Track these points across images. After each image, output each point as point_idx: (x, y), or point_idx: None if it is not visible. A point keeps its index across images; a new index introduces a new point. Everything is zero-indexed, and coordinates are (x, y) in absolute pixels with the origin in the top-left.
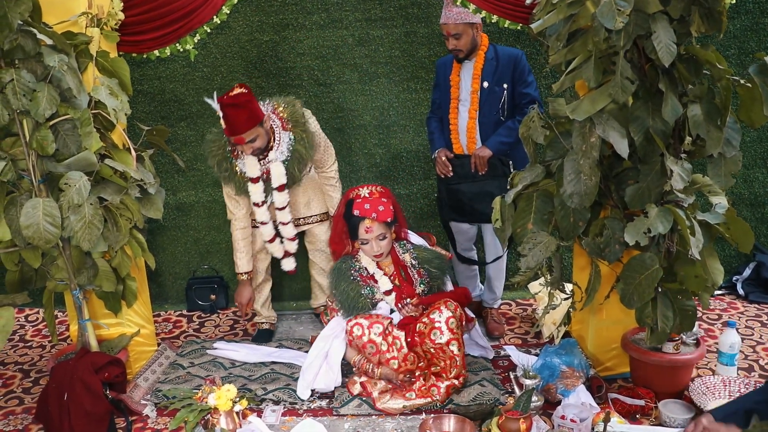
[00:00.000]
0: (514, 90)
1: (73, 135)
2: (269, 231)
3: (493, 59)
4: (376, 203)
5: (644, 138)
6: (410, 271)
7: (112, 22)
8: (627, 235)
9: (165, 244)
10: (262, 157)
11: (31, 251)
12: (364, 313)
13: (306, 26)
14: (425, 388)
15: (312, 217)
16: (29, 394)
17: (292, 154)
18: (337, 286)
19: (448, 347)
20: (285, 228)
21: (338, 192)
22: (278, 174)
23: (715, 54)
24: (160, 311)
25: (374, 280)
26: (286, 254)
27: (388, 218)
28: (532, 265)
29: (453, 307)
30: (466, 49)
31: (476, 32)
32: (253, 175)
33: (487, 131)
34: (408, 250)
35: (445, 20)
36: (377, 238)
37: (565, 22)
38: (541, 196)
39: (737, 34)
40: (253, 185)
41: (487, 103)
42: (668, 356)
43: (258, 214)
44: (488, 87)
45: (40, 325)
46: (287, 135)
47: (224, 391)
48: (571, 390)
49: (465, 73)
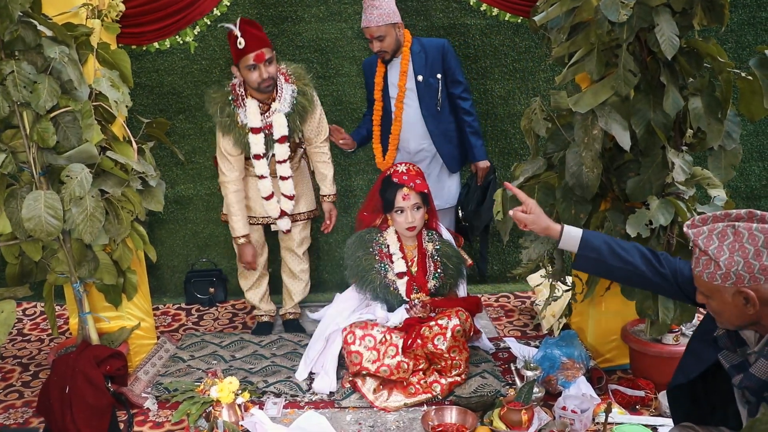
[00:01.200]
0: (446, 79)
1: (73, 127)
2: (267, 186)
3: (421, 52)
4: (414, 176)
5: (646, 130)
6: (428, 260)
7: (113, 14)
8: (629, 226)
9: (163, 237)
10: (265, 109)
11: (32, 244)
12: (361, 323)
13: (305, 19)
14: (425, 383)
15: (299, 215)
16: (29, 388)
17: (294, 107)
18: (353, 252)
19: (449, 353)
20: (284, 183)
21: (330, 169)
22: (280, 125)
23: (716, 47)
24: (158, 304)
25: (391, 260)
26: (283, 214)
27: (425, 189)
28: (534, 257)
29: (464, 317)
30: (391, 49)
31: (399, 31)
32: (255, 124)
33: (430, 123)
34: (433, 240)
35: (367, 23)
36: (413, 207)
37: (568, 14)
38: (542, 188)
39: (734, 27)
40: (254, 135)
41: (426, 96)
42: (668, 347)
43: (257, 167)
44: (423, 80)
45: (38, 319)
46: (290, 87)
47: (226, 383)
48: (571, 381)
49: (393, 72)
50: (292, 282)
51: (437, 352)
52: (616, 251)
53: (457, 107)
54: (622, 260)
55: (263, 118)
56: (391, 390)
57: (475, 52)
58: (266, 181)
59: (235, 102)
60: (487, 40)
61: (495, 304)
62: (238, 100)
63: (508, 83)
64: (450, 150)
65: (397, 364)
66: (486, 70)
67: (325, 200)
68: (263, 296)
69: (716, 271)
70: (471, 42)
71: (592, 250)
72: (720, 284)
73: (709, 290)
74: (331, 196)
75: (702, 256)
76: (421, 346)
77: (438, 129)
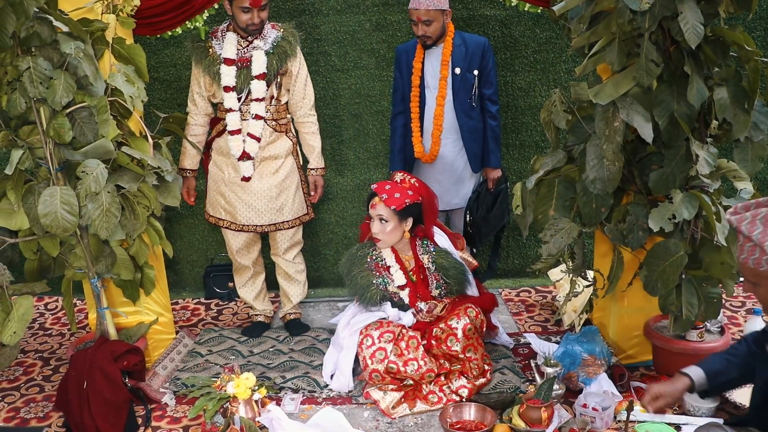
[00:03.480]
0: (480, 78)
1: (89, 122)
2: (235, 120)
3: (462, 45)
4: (396, 189)
5: (669, 122)
6: (428, 273)
7: (128, 8)
8: (651, 221)
9: (182, 232)
10: (246, 45)
11: (50, 240)
12: (375, 323)
13: (323, 12)
14: (449, 389)
15: (283, 224)
16: (49, 382)
17: (275, 48)
18: (348, 272)
19: (464, 354)
20: (255, 123)
21: (318, 141)
22: (259, 61)
23: (743, 35)
24: (177, 299)
25: (390, 273)
26: (245, 155)
27: (392, 206)
28: (554, 252)
29: (474, 314)
30: (435, 35)
31: (446, 19)
32: (229, 55)
33: (462, 118)
34: (429, 252)
35: (417, 5)
36: (378, 218)
37: (588, 4)
38: (562, 181)
39: (763, 14)
40: (225, 67)
41: (461, 90)
42: (693, 344)
43: (227, 100)
44: (461, 73)
45: (60, 313)
46: (275, 32)
47: (243, 379)
48: (592, 378)
49: (432, 60)
50: (289, 284)
51: (452, 353)
52: (731, 361)
53: (484, 109)
54: (738, 367)
55: (240, 51)
56: (413, 402)
57: (495, 44)
58: (235, 114)
59: (212, 33)
60: (507, 31)
61: (516, 298)
62: (216, 33)
63: (529, 75)
64: (475, 149)
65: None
66: (506, 61)
67: (312, 173)
68: (258, 294)
69: (762, 257)
70: (491, 33)
71: (719, 374)
72: (766, 269)
73: (755, 276)
74: (318, 170)
75: (746, 243)
76: (437, 347)
77: (468, 125)
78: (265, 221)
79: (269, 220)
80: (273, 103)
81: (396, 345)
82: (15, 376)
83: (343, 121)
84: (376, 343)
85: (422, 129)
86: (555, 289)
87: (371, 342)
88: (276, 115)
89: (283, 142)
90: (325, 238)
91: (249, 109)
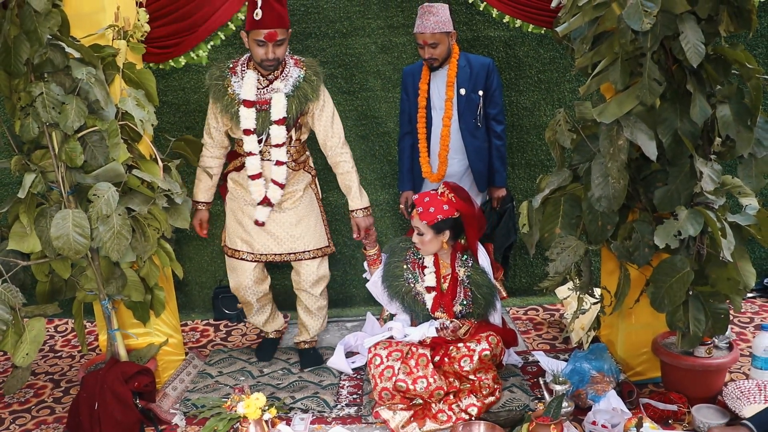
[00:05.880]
0: (485, 98)
1: (100, 146)
2: (255, 164)
3: (467, 66)
4: (433, 203)
5: (673, 140)
6: (458, 285)
7: (138, 34)
8: (657, 238)
9: (191, 253)
10: (265, 84)
11: (61, 262)
12: (384, 342)
13: (329, 35)
14: (458, 408)
15: (304, 253)
16: (60, 404)
17: (296, 90)
18: (389, 257)
19: (475, 375)
20: (278, 169)
21: (355, 179)
22: (279, 105)
23: (744, 53)
24: (187, 320)
25: (423, 272)
26: (265, 200)
27: (425, 220)
28: (561, 270)
29: (495, 342)
30: (442, 57)
31: (451, 41)
32: (248, 97)
33: (467, 138)
34: (466, 266)
35: (422, 29)
36: (416, 230)
37: (591, 24)
38: (568, 200)
39: (764, 32)
40: (245, 109)
41: (467, 111)
42: (701, 360)
43: (247, 143)
44: (465, 94)
45: (70, 335)
46: (297, 71)
47: (253, 399)
48: (601, 395)
49: (438, 81)
50: (309, 318)
51: (462, 373)
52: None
53: (489, 129)
54: None
55: (260, 93)
56: (422, 421)
57: (499, 64)
58: (255, 158)
59: (231, 69)
60: (511, 51)
61: (523, 317)
62: (235, 69)
63: (533, 95)
64: (481, 168)
65: (432, 373)
66: (511, 81)
67: (352, 215)
68: (267, 319)
69: None
70: (495, 54)
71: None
72: None
73: None
74: (359, 210)
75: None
76: (449, 364)
77: (473, 145)
78: (285, 249)
79: (289, 248)
80: (293, 144)
81: (405, 363)
82: (26, 399)
83: (350, 142)
84: (384, 362)
85: (429, 149)
86: (562, 307)
87: (380, 361)
88: (296, 155)
89: (300, 177)
90: (332, 258)
91: (269, 151)
